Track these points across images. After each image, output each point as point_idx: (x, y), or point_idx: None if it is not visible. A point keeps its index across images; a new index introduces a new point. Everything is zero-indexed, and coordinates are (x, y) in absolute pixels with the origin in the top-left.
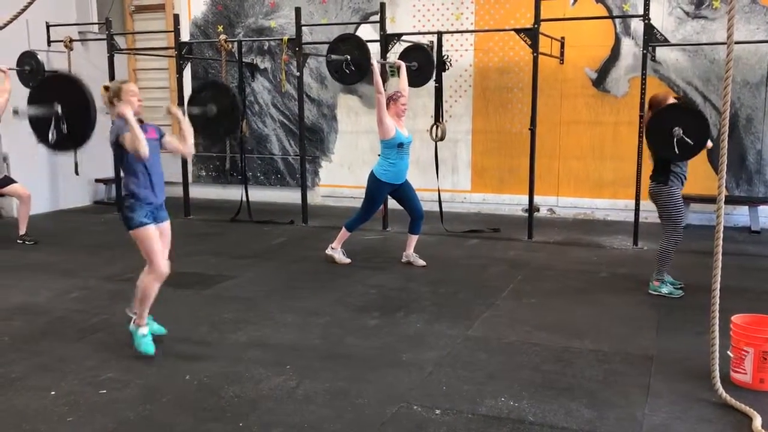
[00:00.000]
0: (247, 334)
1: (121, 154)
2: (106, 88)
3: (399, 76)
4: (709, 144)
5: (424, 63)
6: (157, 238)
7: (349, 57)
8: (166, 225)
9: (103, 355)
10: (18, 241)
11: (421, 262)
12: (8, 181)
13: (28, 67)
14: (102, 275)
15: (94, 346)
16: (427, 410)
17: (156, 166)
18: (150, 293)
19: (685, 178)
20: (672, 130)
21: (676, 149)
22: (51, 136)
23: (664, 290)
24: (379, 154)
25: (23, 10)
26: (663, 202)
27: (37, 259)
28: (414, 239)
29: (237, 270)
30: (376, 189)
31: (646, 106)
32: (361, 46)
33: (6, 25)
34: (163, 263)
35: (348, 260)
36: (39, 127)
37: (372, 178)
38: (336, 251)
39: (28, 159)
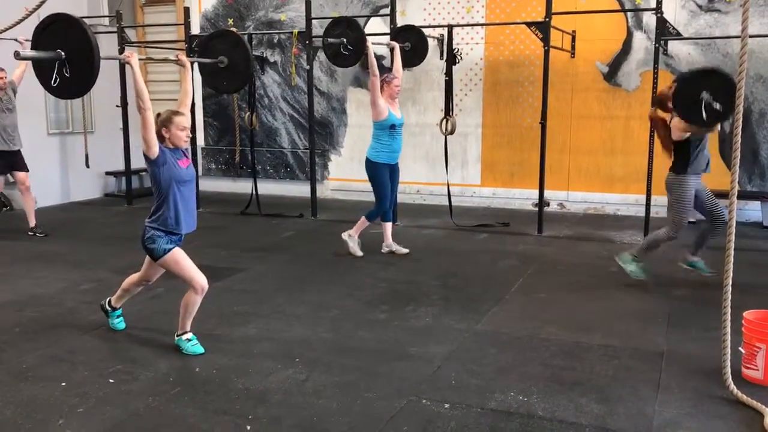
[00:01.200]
0: (256, 327)
1: (156, 171)
2: (158, 116)
3: (394, 56)
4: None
5: (417, 43)
6: (184, 255)
7: (345, 40)
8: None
9: (113, 346)
10: (29, 233)
11: (404, 250)
12: (21, 162)
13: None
14: (112, 267)
15: (104, 338)
16: (436, 404)
17: (191, 195)
18: (192, 306)
19: (703, 166)
20: (700, 95)
21: (704, 115)
22: (54, 80)
23: (630, 267)
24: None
25: (37, 8)
26: (675, 195)
27: (47, 251)
28: (388, 227)
29: (247, 263)
30: (377, 172)
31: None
32: (354, 27)
33: (20, 21)
34: (200, 277)
35: (360, 253)
36: (43, 71)
37: (368, 163)
38: (352, 239)
39: (39, 151)
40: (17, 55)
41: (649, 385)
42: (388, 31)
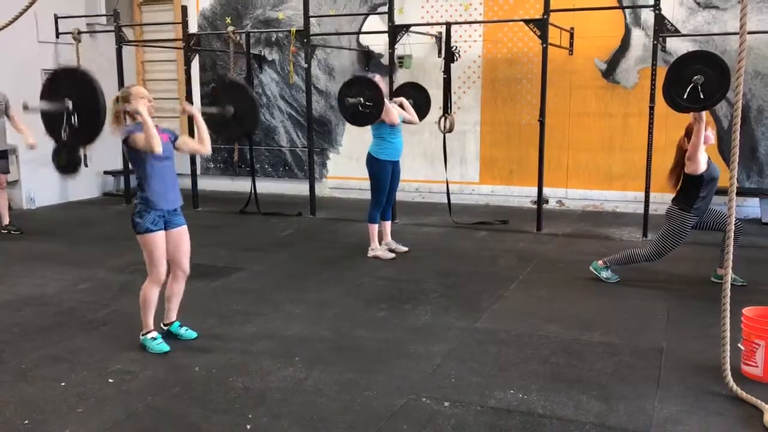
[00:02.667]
0: (256, 326)
1: (133, 155)
2: (117, 100)
3: (406, 108)
4: (703, 115)
5: (418, 97)
6: (162, 246)
7: (362, 99)
8: (182, 230)
9: (112, 346)
10: (2, 231)
11: (403, 248)
12: (4, 164)
13: None
14: (111, 267)
15: (103, 337)
16: (436, 402)
17: (169, 171)
18: (150, 300)
19: (706, 209)
20: (694, 76)
21: (686, 95)
22: (63, 133)
23: (604, 274)
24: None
25: (26, 9)
26: (672, 225)
27: (46, 251)
28: (388, 225)
29: (246, 262)
30: (380, 169)
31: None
32: (367, 83)
33: (11, 22)
34: (161, 271)
35: (392, 255)
36: (51, 123)
37: (372, 160)
38: (377, 250)
39: (37, 151)
40: (26, 107)
41: (648, 382)
42: (386, 29)
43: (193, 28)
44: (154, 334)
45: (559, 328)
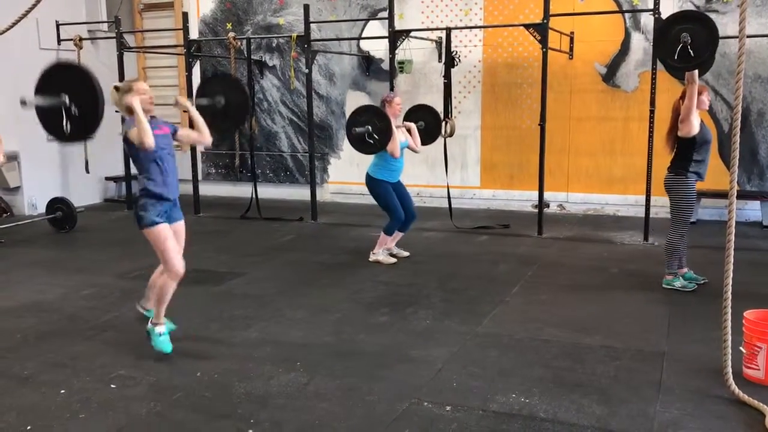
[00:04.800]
0: (257, 331)
1: (133, 151)
2: (117, 89)
3: (413, 133)
4: (695, 74)
5: (431, 122)
6: (171, 236)
7: (370, 128)
8: (180, 225)
9: (114, 352)
10: None
11: (405, 253)
12: None
13: (60, 212)
14: (113, 272)
15: (106, 343)
16: (437, 407)
17: (169, 163)
18: (167, 293)
19: (704, 174)
20: (681, 35)
21: (676, 55)
22: (66, 127)
23: (677, 284)
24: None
25: (26, 13)
26: (676, 194)
27: (48, 257)
28: (400, 236)
29: (247, 267)
30: (380, 187)
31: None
32: (378, 114)
33: (10, 27)
34: (178, 262)
35: (393, 260)
36: (48, 120)
37: (370, 180)
38: (377, 253)
39: (39, 157)
40: (24, 103)
41: (650, 385)
42: (386, 34)
43: (194, 35)
44: (163, 329)
45: (561, 332)
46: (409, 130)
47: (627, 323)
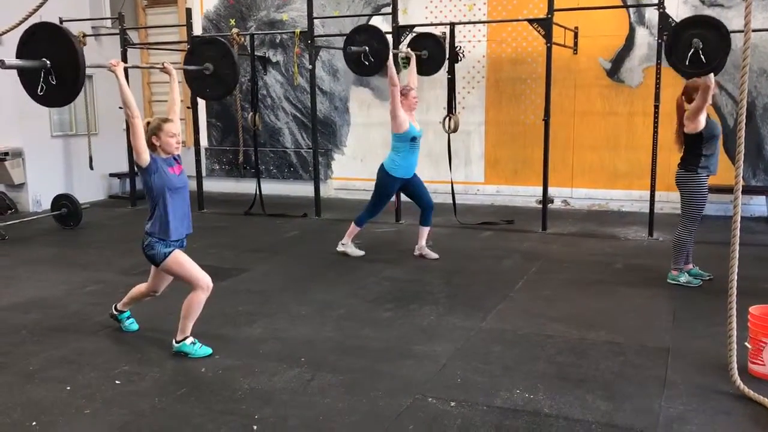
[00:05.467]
0: (261, 327)
1: (149, 184)
2: (148, 124)
3: (410, 68)
4: (711, 80)
5: (435, 51)
6: (186, 257)
7: (367, 48)
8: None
9: (118, 348)
10: None
11: (434, 255)
12: None
13: (65, 209)
14: (117, 269)
15: (110, 339)
16: (442, 402)
17: (183, 201)
18: (196, 308)
19: (714, 168)
20: (692, 41)
21: (687, 60)
22: (40, 88)
23: (682, 279)
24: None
25: (32, 13)
26: (688, 189)
27: (52, 253)
28: (425, 231)
29: (251, 263)
30: (388, 184)
31: (681, 92)
32: (379, 37)
33: (17, 26)
34: (204, 276)
35: (361, 252)
36: (29, 80)
37: (383, 173)
38: (348, 246)
39: (43, 153)
40: (2, 65)
41: (655, 381)
42: (390, 29)
43: (197, 31)
44: (193, 338)
45: (565, 328)
46: (408, 60)
47: (631, 319)
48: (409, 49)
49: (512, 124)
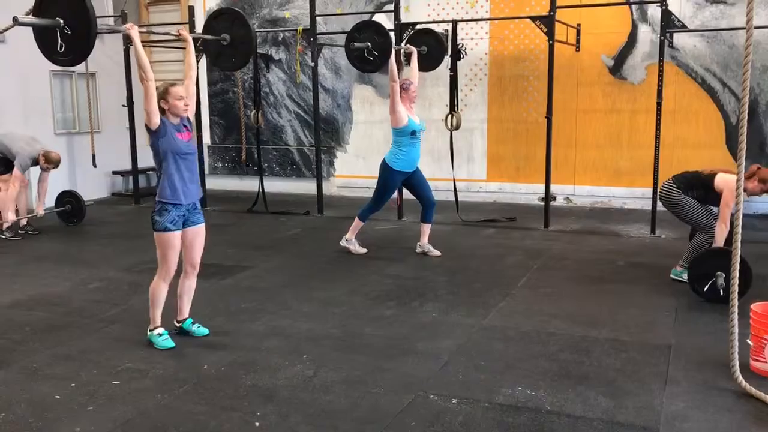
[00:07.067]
0: (264, 324)
1: (157, 147)
2: (156, 89)
3: (411, 63)
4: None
5: (434, 46)
6: (177, 246)
7: (370, 44)
8: (199, 228)
9: (122, 345)
10: (20, 232)
11: (436, 252)
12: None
13: (69, 206)
14: (120, 266)
15: (114, 336)
16: (444, 399)
17: (191, 167)
18: (158, 296)
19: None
20: (715, 273)
21: (708, 292)
22: (60, 46)
23: (686, 276)
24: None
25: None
26: (681, 207)
27: (55, 250)
28: (427, 228)
29: (254, 260)
30: (389, 178)
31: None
32: (381, 32)
33: (17, 24)
34: (170, 267)
35: (364, 250)
36: (44, 41)
37: (384, 166)
38: (351, 242)
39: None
40: (15, 21)
41: (656, 378)
42: (392, 27)
43: (200, 29)
44: (161, 330)
45: (567, 325)
46: (409, 56)
47: (633, 316)
48: (409, 45)
49: (514, 122)
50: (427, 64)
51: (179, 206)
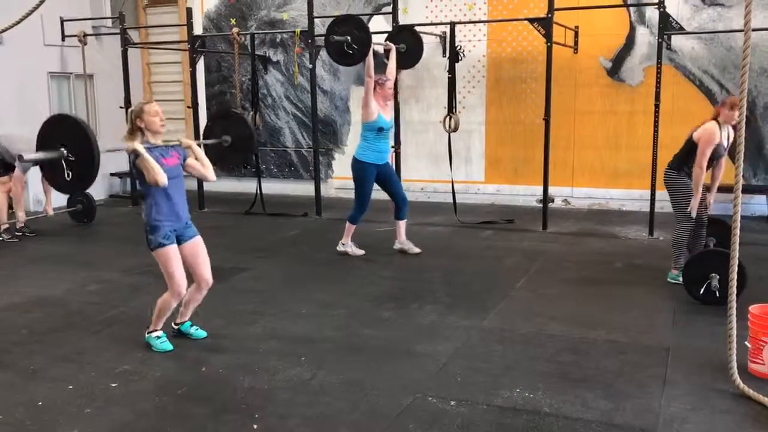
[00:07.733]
0: (262, 326)
1: (141, 175)
2: (129, 114)
3: (389, 59)
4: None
5: (412, 44)
6: (177, 257)
7: (349, 38)
8: (196, 241)
9: (120, 347)
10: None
11: (416, 249)
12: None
13: (80, 205)
14: (119, 268)
15: (112, 338)
16: (442, 401)
17: (178, 190)
18: (166, 309)
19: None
20: (710, 274)
21: (704, 294)
22: (67, 174)
23: (682, 279)
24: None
25: (32, 11)
26: (675, 190)
27: (53, 252)
28: (402, 225)
29: (252, 262)
30: (362, 171)
31: None
32: (361, 27)
33: (16, 24)
34: (180, 283)
35: (361, 251)
36: (52, 171)
37: (355, 162)
38: (347, 245)
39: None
40: (21, 159)
41: (655, 380)
42: (390, 29)
43: (198, 30)
44: (160, 333)
45: (565, 327)
46: (388, 52)
47: (632, 318)
48: (388, 42)
49: (513, 124)
50: (405, 62)
51: (172, 227)
